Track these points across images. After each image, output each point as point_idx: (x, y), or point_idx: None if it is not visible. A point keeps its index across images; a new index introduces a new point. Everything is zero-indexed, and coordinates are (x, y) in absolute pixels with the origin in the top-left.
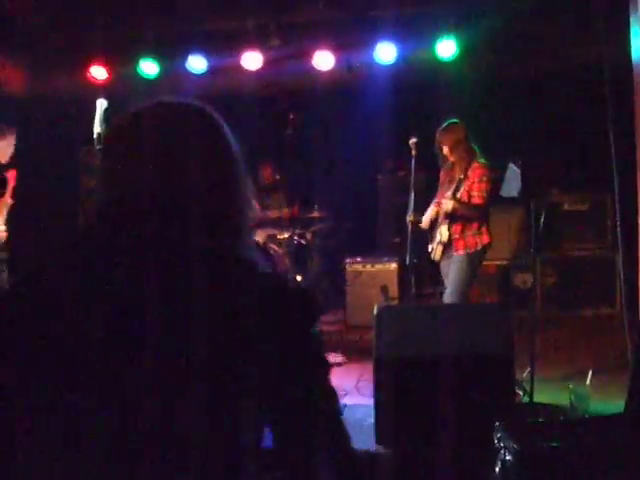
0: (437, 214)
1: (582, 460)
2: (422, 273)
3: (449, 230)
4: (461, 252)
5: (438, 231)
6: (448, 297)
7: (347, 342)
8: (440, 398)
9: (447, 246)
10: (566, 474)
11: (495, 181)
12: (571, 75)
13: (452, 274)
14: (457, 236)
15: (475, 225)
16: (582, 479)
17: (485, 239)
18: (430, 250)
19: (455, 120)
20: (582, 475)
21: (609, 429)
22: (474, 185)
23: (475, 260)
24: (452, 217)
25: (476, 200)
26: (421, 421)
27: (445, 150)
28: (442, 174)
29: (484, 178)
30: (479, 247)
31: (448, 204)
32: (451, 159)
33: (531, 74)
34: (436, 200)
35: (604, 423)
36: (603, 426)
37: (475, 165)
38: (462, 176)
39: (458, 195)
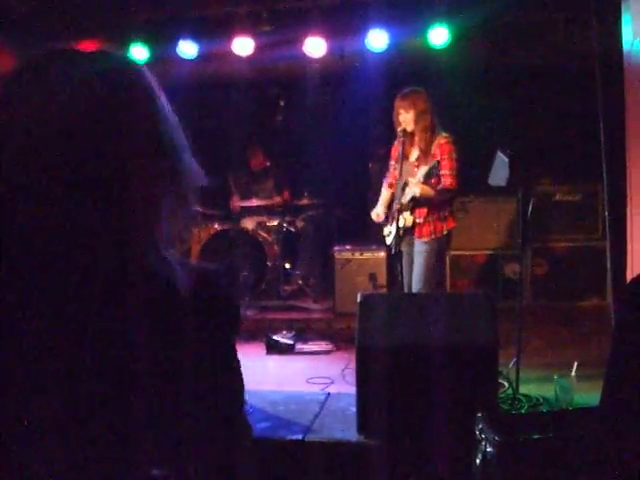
0: (393, 196)
1: (563, 452)
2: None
3: (413, 215)
4: (425, 239)
5: (401, 216)
6: (417, 287)
7: (335, 330)
8: (422, 388)
9: (408, 231)
10: (547, 466)
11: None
12: (562, 64)
13: (419, 264)
14: (421, 221)
15: (441, 209)
16: (562, 471)
17: (451, 223)
18: (387, 234)
19: (419, 87)
20: (563, 467)
21: (591, 421)
22: (443, 163)
23: (442, 245)
24: (416, 201)
25: (447, 180)
26: (403, 411)
27: (405, 118)
28: (396, 145)
29: (453, 155)
30: (445, 232)
31: (416, 188)
32: (411, 128)
33: (522, 63)
34: (387, 180)
35: (587, 415)
36: (586, 418)
37: (442, 140)
38: (426, 153)
39: (419, 178)
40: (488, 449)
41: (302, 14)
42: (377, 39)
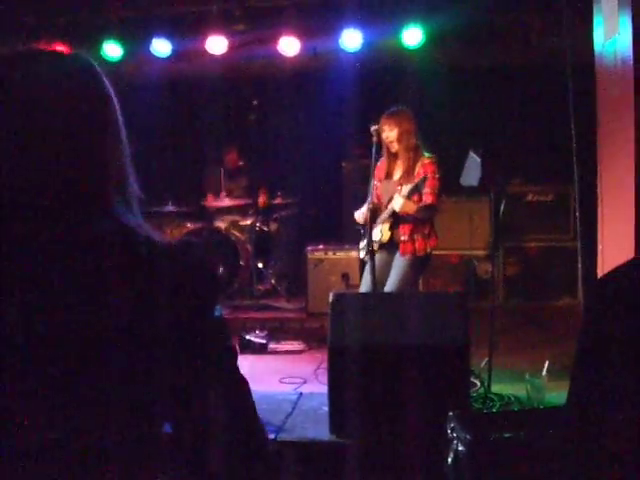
0: (375, 212)
1: (534, 451)
2: None
3: (391, 230)
4: (408, 256)
5: (377, 229)
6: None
7: (308, 330)
8: (395, 387)
9: (385, 246)
10: (518, 464)
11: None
12: (535, 65)
13: (395, 275)
14: (405, 238)
15: (424, 227)
16: (532, 470)
17: (433, 242)
18: (362, 248)
19: (404, 107)
20: (534, 465)
21: (560, 420)
22: (427, 182)
23: (421, 264)
24: (398, 217)
25: (428, 198)
26: (375, 410)
27: (389, 137)
28: (381, 165)
29: (436, 175)
30: (428, 250)
31: (399, 203)
32: (395, 148)
33: (495, 63)
34: (370, 199)
35: (558, 414)
36: (557, 417)
37: (425, 161)
38: (410, 172)
39: (407, 192)
40: (460, 448)
41: (276, 13)
42: (351, 39)
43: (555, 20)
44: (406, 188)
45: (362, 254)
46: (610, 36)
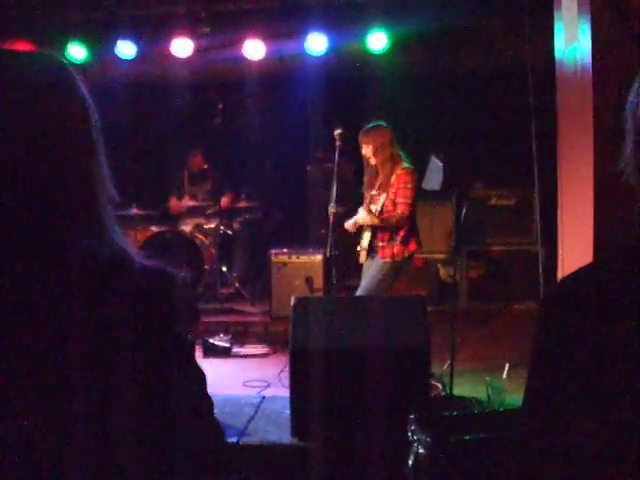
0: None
1: (493, 453)
2: (347, 265)
3: (372, 237)
4: (387, 259)
5: (362, 236)
6: (360, 293)
7: (272, 333)
8: (356, 391)
9: (369, 251)
10: (478, 467)
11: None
12: (498, 71)
13: (371, 275)
14: (384, 244)
15: (402, 233)
16: (491, 471)
17: (412, 247)
18: (358, 252)
19: (381, 122)
20: (491, 467)
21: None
22: (399, 192)
23: (399, 268)
24: (373, 226)
25: (401, 208)
26: (337, 414)
27: (366, 152)
28: (367, 178)
29: (408, 185)
30: (406, 255)
31: (363, 216)
32: (373, 162)
33: (459, 69)
34: (364, 205)
35: (516, 416)
36: (515, 419)
37: (400, 171)
38: (384, 186)
39: (378, 207)
40: (420, 450)
41: (241, 16)
42: (316, 43)
43: (517, 27)
44: (381, 200)
45: (362, 258)
46: (570, 43)
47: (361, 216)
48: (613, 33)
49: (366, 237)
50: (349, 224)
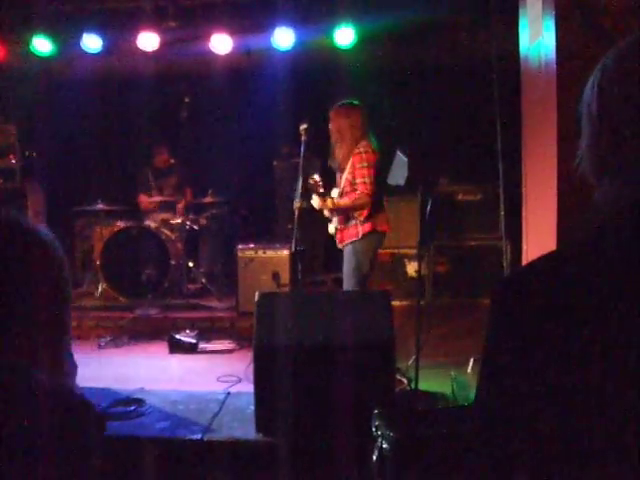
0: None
1: (456, 448)
2: (314, 260)
3: (336, 221)
4: (344, 244)
5: (332, 224)
6: (345, 287)
7: (239, 329)
8: (321, 386)
9: (337, 237)
10: (441, 462)
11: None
12: (464, 66)
13: (344, 267)
14: (341, 227)
15: (360, 214)
16: (456, 466)
17: (367, 227)
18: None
19: (355, 101)
20: (456, 462)
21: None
22: (356, 172)
23: (361, 247)
24: (334, 210)
25: (360, 188)
26: (302, 409)
27: (332, 127)
28: (333, 152)
29: (364, 164)
30: (360, 235)
31: (315, 201)
32: (335, 139)
33: (425, 64)
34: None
35: None
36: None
37: (356, 151)
38: (342, 163)
39: (339, 191)
40: (384, 445)
41: (208, 10)
42: (283, 37)
43: (483, 23)
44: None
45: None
46: (535, 39)
47: (315, 202)
48: (577, 29)
49: (333, 219)
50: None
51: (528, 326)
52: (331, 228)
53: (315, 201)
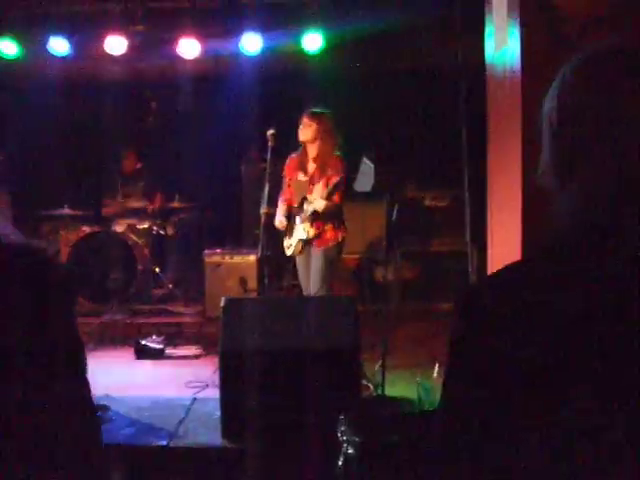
0: (290, 210)
1: (421, 453)
2: (282, 266)
3: (312, 228)
4: (322, 247)
5: (300, 227)
6: (314, 290)
7: (205, 334)
8: (287, 392)
9: (307, 242)
10: (406, 466)
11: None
12: (431, 73)
13: (317, 269)
14: (318, 232)
15: (334, 221)
16: (417, 470)
17: (344, 232)
18: (287, 246)
19: (326, 110)
20: (417, 467)
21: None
22: (333, 178)
23: (334, 253)
24: (316, 215)
25: (341, 194)
26: (267, 415)
27: (305, 134)
28: (291, 164)
29: (342, 174)
30: (339, 239)
31: (320, 204)
32: (309, 145)
33: (393, 70)
34: (283, 196)
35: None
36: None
37: (333, 159)
38: (318, 169)
39: (325, 194)
40: (350, 451)
41: (176, 15)
42: (251, 42)
43: (450, 30)
44: (318, 188)
45: (289, 252)
46: (500, 47)
47: (320, 204)
48: (542, 37)
49: (308, 228)
50: (278, 221)
51: (490, 335)
52: (311, 232)
53: (320, 204)
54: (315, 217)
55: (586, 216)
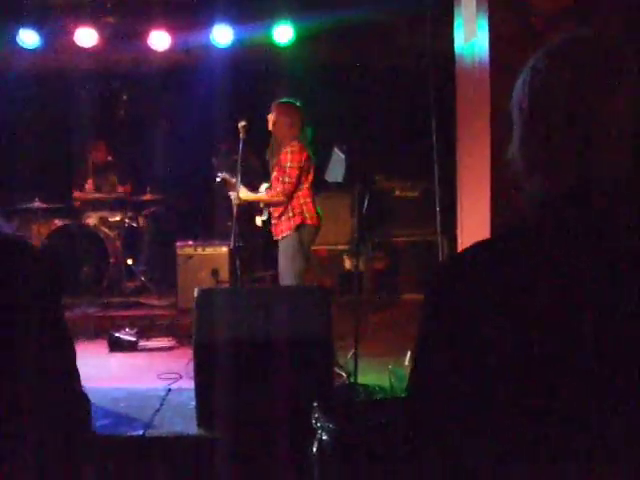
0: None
1: (390, 437)
2: (252, 257)
3: (268, 215)
4: (279, 236)
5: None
6: (282, 281)
7: (178, 326)
8: (261, 380)
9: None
10: (379, 451)
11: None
12: (401, 65)
13: (279, 261)
14: (275, 221)
15: (289, 209)
16: (390, 454)
17: (297, 219)
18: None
19: (294, 101)
20: (389, 450)
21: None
22: (280, 170)
23: (292, 243)
24: (267, 205)
25: (280, 187)
26: (242, 404)
27: (270, 122)
28: (271, 147)
29: (288, 164)
30: (293, 228)
31: (247, 195)
32: (271, 127)
33: (363, 62)
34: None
35: None
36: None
37: (285, 150)
38: (275, 160)
39: (265, 186)
40: (324, 437)
41: (147, 6)
42: (222, 34)
43: (420, 22)
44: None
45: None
46: (469, 39)
47: (243, 193)
48: (510, 29)
49: (258, 217)
50: (233, 195)
51: (460, 309)
52: (258, 220)
53: (243, 192)
54: (267, 206)
55: (549, 200)
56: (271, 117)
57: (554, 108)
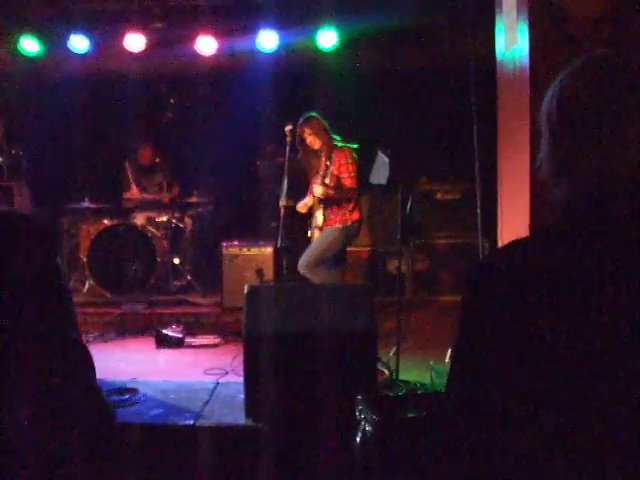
0: (313, 201)
1: (432, 429)
2: (297, 256)
3: (324, 214)
4: (338, 225)
5: (315, 216)
6: (303, 256)
7: (223, 324)
8: (307, 374)
9: (322, 229)
10: (420, 442)
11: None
12: (443, 70)
13: (319, 239)
14: (332, 216)
15: (346, 205)
16: (430, 445)
17: (355, 216)
18: (309, 235)
19: (313, 113)
20: (429, 442)
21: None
22: (342, 167)
23: (343, 233)
24: (325, 201)
25: (346, 181)
26: (289, 395)
27: (309, 139)
28: (313, 164)
29: (349, 160)
30: (349, 222)
31: (318, 189)
32: (316, 146)
33: (406, 67)
34: (309, 194)
35: None
36: None
37: (338, 149)
38: (328, 162)
39: (327, 181)
40: (367, 428)
41: (194, 12)
42: (267, 39)
43: (462, 28)
44: (320, 178)
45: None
46: (510, 46)
47: (317, 190)
48: (549, 37)
49: (319, 215)
50: (300, 205)
51: (498, 304)
52: (319, 219)
53: (318, 189)
54: (325, 203)
55: (574, 201)
56: (308, 132)
57: (579, 119)
